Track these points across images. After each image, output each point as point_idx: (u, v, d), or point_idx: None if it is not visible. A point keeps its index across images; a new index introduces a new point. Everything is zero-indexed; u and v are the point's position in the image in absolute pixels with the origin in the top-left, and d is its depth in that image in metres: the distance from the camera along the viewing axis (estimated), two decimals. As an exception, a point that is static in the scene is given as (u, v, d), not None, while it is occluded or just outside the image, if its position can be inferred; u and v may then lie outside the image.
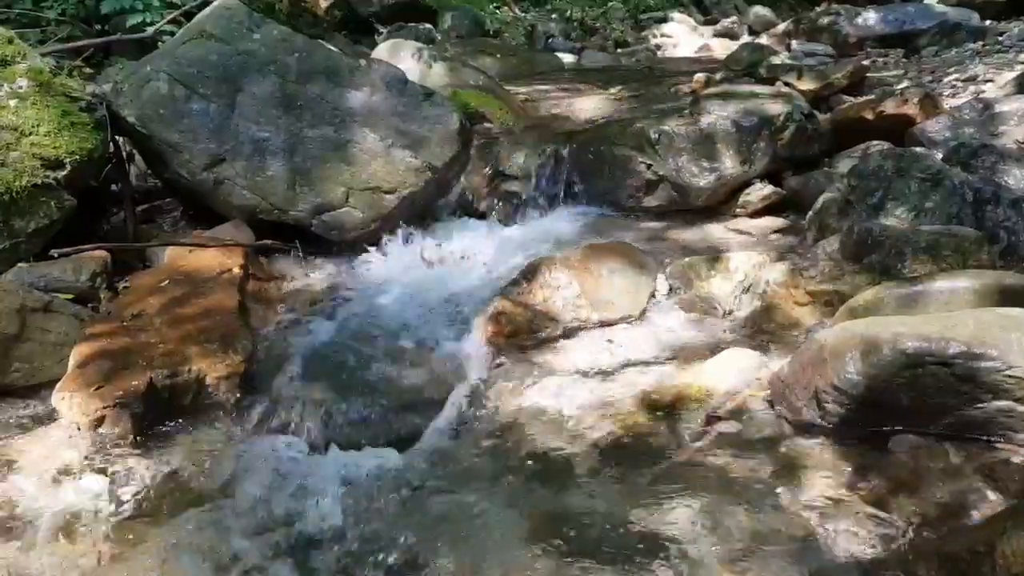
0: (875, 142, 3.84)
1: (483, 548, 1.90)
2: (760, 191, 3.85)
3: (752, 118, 3.90)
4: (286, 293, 3.23)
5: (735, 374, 2.42)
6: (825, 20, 7.11)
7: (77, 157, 3.16)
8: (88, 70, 5.27)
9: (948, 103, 4.19)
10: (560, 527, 1.93)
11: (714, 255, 3.13)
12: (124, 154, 3.67)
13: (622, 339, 2.79)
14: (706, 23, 10.16)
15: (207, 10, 3.80)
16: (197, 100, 3.47)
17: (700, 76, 5.69)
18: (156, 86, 3.47)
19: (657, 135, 3.95)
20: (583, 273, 2.97)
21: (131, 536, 1.98)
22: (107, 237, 3.38)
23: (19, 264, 2.96)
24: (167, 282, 2.93)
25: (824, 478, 2.00)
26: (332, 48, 4.11)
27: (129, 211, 3.58)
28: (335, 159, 3.47)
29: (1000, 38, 5.82)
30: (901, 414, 2.04)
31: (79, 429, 2.29)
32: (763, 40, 7.58)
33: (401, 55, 5.41)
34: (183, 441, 2.33)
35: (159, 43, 5.16)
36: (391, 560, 1.90)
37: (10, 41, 3.34)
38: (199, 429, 2.39)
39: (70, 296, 2.85)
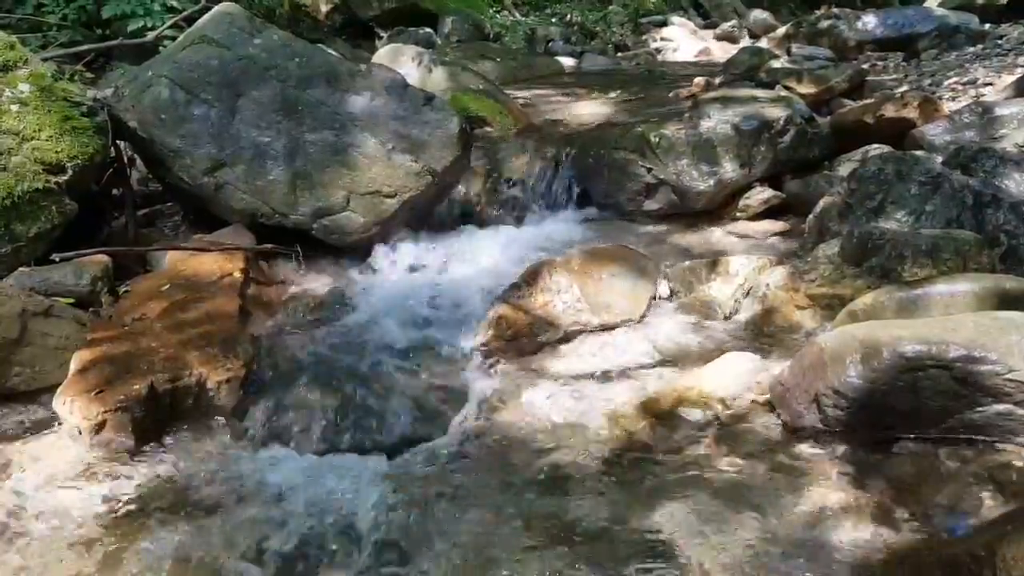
0: (875, 146, 3.84)
1: (484, 553, 1.90)
2: (760, 194, 3.85)
3: (752, 122, 3.90)
4: (287, 297, 3.23)
5: (735, 378, 2.42)
6: (825, 24, 7.11)
7: (78, 161, 3.17)
8: (89, 75, 5.28)
9: (948, 107, 4.18)
10: (560, 532, 1.93)
11: (714, 258, 3.14)
12: (125, 159, 3.69)
13: (622, 343, 2.79)
14: (706, 27, 10.18)
15: (208, 15, 3.81)
16: (198, 105, 3.48)
17: (700, 80, 5.70)
18: (157, 91, 3.48)
19: (657, 139, 3.95)
20: (583, 277, 2.97)
21: (131, 540, 1.98)
22: (108, 241, 3.39)
23: (20, 268, 2.96)
24: (168, 286, 2.93)
25: (824, 482, 2.00)
26: (332, 53, 4.13)
27: (130, 215, 3.59)
28: (336, 163, 3.47)
29: (1000, 41, 5.82)
30: (901, 417, 2.04)
31: (80, 433, 2.29)
32: (763, 44, 7.60)
33: (401, 59, 5.43)
34: (184, 445, 2.33)
35: (160, 48, 5.18)
36: (391, 565, 1.90)
37: (12, 46, 3.35)
38: (200, 433, 2.39)
39: (71, 300, 2.86)
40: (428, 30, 8.28)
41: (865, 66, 5.75)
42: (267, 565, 1.92)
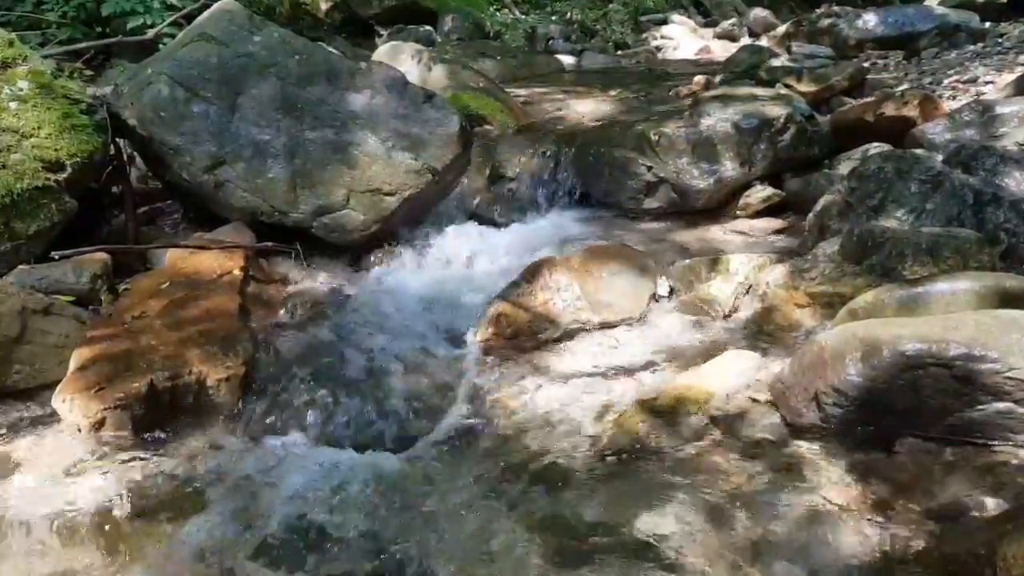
0: (875, 144, 3.83)
1: (483, 550, 1.90)
2: (760, 193, 3.85)
3: (752, 120, 3.90)
4: (287, 295, 3.23)
5: (735, 376, 2.41)
6: (825, 22, 7.11)
7: (78, 159, 3.17)
8: (89, 73, 5.28)
9: (948, 105, 4.18)
10: (560, 529, 1.93)
11: (714, 257, 3.13)
12: (125, 156, 3.69)
13: (622, 341, 2.79)
14: (706, 25, 10.18)
15: (207, 13, 3.81)
16: (198, 102, 3.47)
17: (700, 78, 5.70)
18: (157, 88, 3.48)
19: (657, 137, 3.95)
20: (583, 275, 2.97)
21: (131, 538, 1.98)
22: (108, 239, 3.39)
23: (20, 266, 2.96)
24: (168, 284, 2.93)
25: (824, 480, 2.00)
26: (332, 51, 4.12)
27: (130, 213, 3.59)
28: (336, 161, 3.47)
29: (1000, 40, 5.82)
30: (901, 416, 2.04)
31: (80, 431, 2.30)
32: (763, 42, 7.60)
33: (401, 57, 5.43)
34: (184, 443, 2.33)
35: (160, 46, 5.17)
36: (391, 562, 1.90)
37: (11, 44, 3.35)
38: (200, 431, 2.39)
39: (71, 298, 2.86)
40: (428, 28, 8.28)
41: (865, 64, 5.74)
42: (267, 561, 1.92)
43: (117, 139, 3.53)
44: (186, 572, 1.89)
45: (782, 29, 7.83)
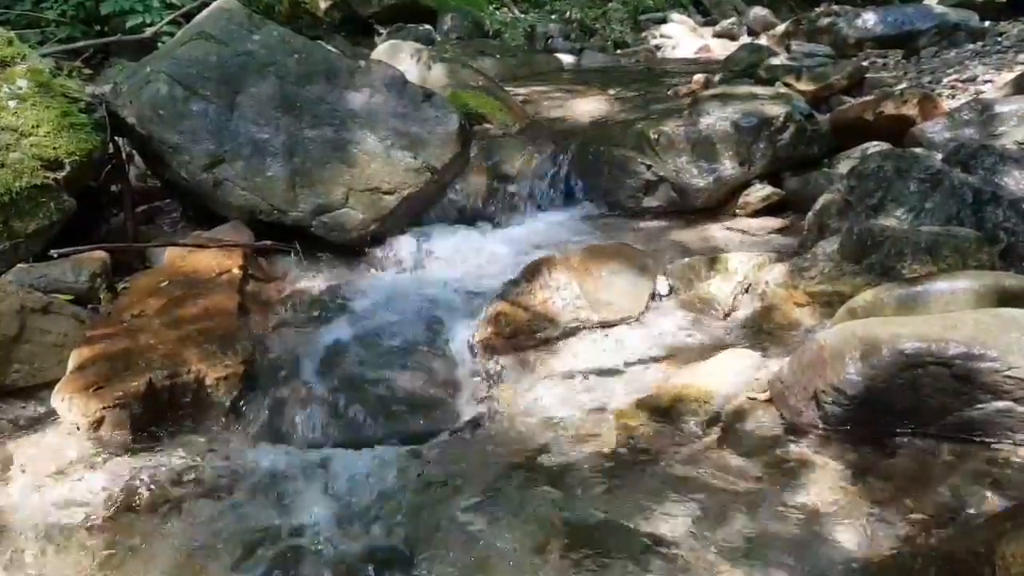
0: (874, 143, 3.83)
1: (483, 550, 1.90)
2: (759, 192, 3.85)
3: (751, 119, 3.90)
4: (286, 294, 3.23)
5: (734, 375, 2.42)
6: (824, 21, 7.11)
7: (77, 158, 3.17)
8: (88, 71, 5.28)
9: (947, 104, 4.18)
10: (559, 528, 1.93)
11: (714, 256, 3.13)
12: (124, 155, 3.68)
13: (622, 340, 2.79)
14: (705, 24, 10.16)
15: (206, 11, 3.81)
16: (196, 101, 3.47)
17: (699, 77, 5.69)
18: (155, 87, 3.47)
19: (657, 136, 3.95)
20: (583, 274, 2.97)
21: (129, 537, 1.98)
22: (107, 238, 3.39)
23: (19, 265, 2.96)
24: (167, 283, 2.93)
25: (823, 479, 2.00)
26: (331, 49, 4.12)
27: (129, 212, 3.59)
28: (335, 160, 3.47)
29: (999, 39, 5.82)
30: (901, 415, 2.04)
31: (78, 430, 2.29)
32: (762, 41, 7.58)
33: (400, 56, 5.41)
34: (182, 442, 2.33)
35: (158, 44, 5.17)
36: (390, 562, 1.90)
37: (10, 42, 3.35)
38: (198, 430, 2.39)
39: (70, 297, 2.86)
40: (427, 27, 8.26)
41: (864, 63, 5.73)
42: (265, 560, 1.92)
43: (116, 138, 3.53)
44: (184, 571, 1.89)
45: (781, 28, 7.82)
